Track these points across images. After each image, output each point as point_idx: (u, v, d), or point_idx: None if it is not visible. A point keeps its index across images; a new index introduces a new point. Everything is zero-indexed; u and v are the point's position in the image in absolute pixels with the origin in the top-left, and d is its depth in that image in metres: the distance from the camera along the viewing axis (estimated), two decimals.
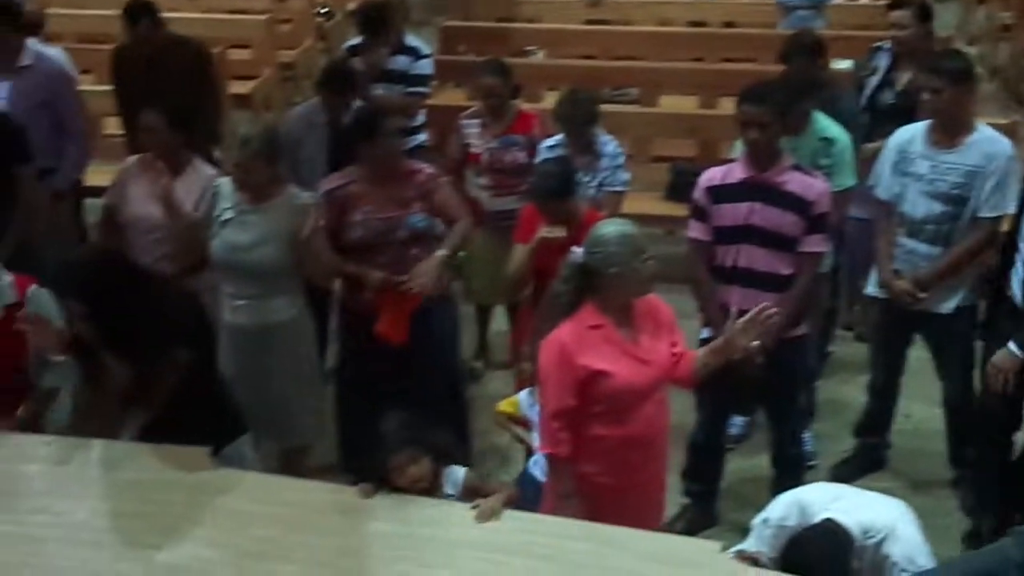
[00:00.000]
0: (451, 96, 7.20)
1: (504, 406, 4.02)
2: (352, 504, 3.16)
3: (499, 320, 5.51)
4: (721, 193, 3.94)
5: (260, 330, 4.05)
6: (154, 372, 3.35)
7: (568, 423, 3.27)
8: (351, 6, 9.86)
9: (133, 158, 4.51)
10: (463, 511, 3.09)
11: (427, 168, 4.32)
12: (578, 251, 3.27)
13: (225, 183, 4.14)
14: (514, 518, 3.09)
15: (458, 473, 3.27)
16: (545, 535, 3.04)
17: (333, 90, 4.96)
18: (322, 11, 9.06)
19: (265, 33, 8.02)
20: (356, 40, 5.72)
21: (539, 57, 8.03)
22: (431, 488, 3.19)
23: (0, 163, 4.64)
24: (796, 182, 3.87)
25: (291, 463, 4.20)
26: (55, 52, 5.81)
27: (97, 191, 5.86)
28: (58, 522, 3.08)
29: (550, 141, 4.83)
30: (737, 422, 4.74)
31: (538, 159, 4.73)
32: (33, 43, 5.56)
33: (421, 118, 5.74)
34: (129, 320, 3.28)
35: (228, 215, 4.06)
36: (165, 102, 4.49)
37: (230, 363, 3.95)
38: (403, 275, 4.06)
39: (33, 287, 3.71)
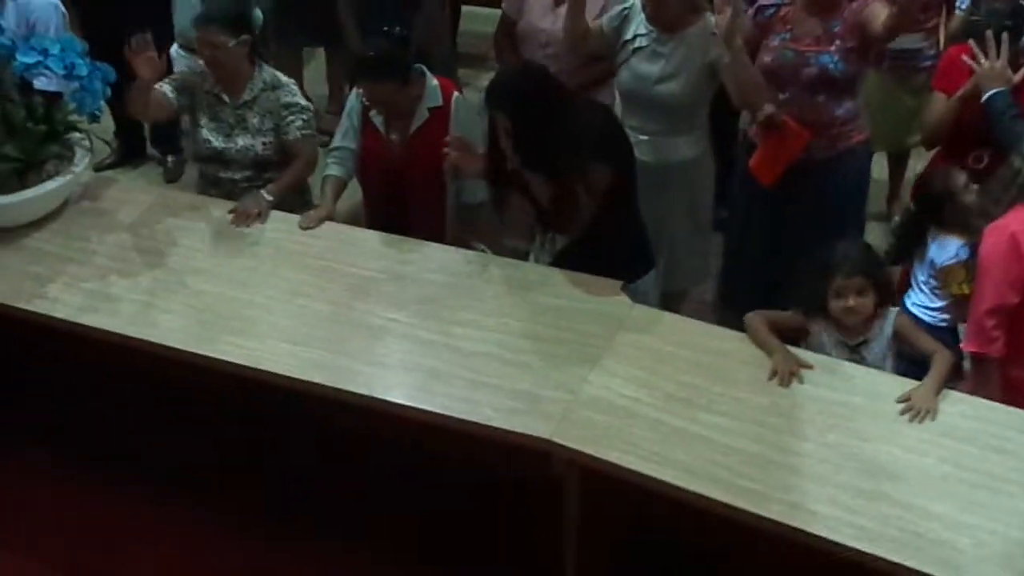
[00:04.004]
0: None
1: None
2: None
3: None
4: None
5: (661, 168, 3.86)
6: (573, 190, 3.26)
7: (1004, 322, 2.90)
8: None
9: None
10: (904, 384, 2.85)
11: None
12: None
13: (640, 5, 3.89)
14: (964, 402, 2.81)
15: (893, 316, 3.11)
16: (999, 425, 2.73)
17: None
18: None
19: None
20: None
21: None
22: (864, 327, 3.06)
23: None
24: None
25: (670, 305, 4.05)
26: None
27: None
28: (484, 337, 3.08)
29: None
30: None
31: None
32: None
33: None
34: (551, 133, 3.20)
35: (640, 43, 3.84)
36: None
37: None
38: (801, 120, 3.72)
39: (457, 94, 3.67)
